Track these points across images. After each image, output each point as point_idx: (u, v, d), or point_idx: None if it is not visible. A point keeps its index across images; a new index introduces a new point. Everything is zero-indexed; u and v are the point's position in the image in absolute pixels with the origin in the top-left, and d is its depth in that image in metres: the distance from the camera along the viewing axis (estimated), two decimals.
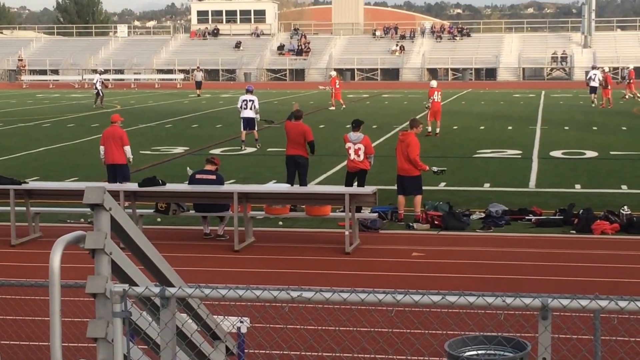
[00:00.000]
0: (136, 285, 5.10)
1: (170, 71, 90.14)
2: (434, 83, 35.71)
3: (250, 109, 29.99)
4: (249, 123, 30.09)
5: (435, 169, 19.22)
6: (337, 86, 49.97)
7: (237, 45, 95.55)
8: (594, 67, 54.69)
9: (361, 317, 5.93)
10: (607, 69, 55.80)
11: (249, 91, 30.68)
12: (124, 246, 5.33)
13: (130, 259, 5.30)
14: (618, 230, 16.63)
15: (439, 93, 35.06)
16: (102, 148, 19.87)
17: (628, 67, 62.18)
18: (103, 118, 43.70)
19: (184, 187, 17.18)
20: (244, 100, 30.07)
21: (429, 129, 33.50)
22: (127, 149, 19.69)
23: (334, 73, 52.19)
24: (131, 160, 19.98)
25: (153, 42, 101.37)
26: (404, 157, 18.08)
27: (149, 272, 5.65)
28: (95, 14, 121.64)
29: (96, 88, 52.47)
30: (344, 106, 49.27)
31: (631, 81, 55.31)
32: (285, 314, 5.68)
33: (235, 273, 14.05)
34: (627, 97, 54.36)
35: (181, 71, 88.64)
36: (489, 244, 15.90)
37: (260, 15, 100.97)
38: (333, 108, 48.84)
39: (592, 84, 50.87)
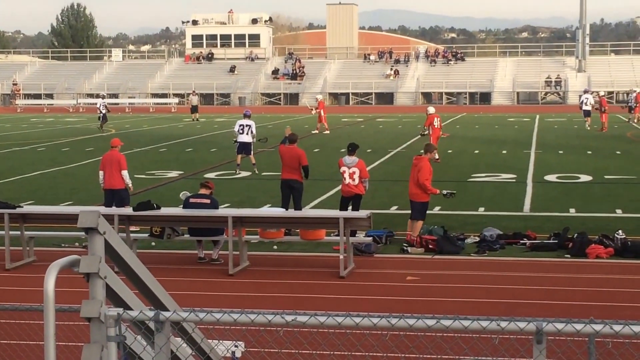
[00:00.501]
0: (130, 309, 5.09)
1: (164, 95, 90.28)
2: (431, 109, 35.14)
3: (247, 133, 29.94)
4: (244, 147, 30.04)
5: (445, 192, 19.03)
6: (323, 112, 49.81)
7: (232, 69, 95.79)
8: (585, 92, 55.44)
9: (356, 341, 5.92)
10: (602, 93, 56.04)
11: (246, 116, 30.67)
12: (118, 270, 5.33)
13: (124, 282, 5.30)
14: (613, 254, 16.63)
15: (439, 119, 35.01)
16: (101, 173, 19.76)
17: (635, 91, 62.77)
18: (98, 142, 43.75)
19: (178, 211, 17.16)
20: (240, 125, 30.02)
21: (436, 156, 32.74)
22: (125, 173, 19.59)
23: (320, 96, 51.79)
24: (130, 186, 19.82)
25: (148, 66, 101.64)
26: (414, 181, 18.13)
27: (144, 296, 5.65)
28: (90, 38, 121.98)
29: (100, 112, 52.28)
30: (327, 131, 49.24)
31: (637, 105, 55.33)
32: (280, 338, 5.68)
33: (230, 297, 14.03)
34: (636, 120, 54.42)
35: (176, 95, 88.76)
36: (483, 268, 15.90)
37: (254, 39, 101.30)
38: (327, 132, 48.87)
39: (585, 107, 51.55)
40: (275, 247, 17.83)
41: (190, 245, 17.57)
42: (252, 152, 30.49)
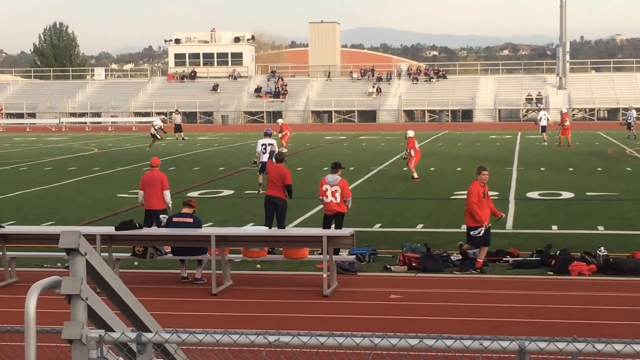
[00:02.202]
0: (112, 330, 5.07)
1: (147, 114, 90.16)
2: (411, 133, 34.63)
3: (267, 152, 28.68)
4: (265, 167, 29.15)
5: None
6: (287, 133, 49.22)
7: (215, 87, 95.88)
8: (541, 109, 59.27)
9: None
10: (564, 110, 57.30)
11: (267, 134, 30.02)
12: (100, 291, 5.31)
13: (106, 303, 5.28)
14: (595, 271, 16.68)
15: (417, 143, 34.54)
16: (141, 192, 19.45)
17: (633, 107, 63.74)
18: (80, 162, 43.66)
19: (161, 230, 17.11)
20: (263, 144, 28.98)
21: (413, 171, 33.37)
22: (167, 193, 19.27)
23: (280, 121, 51.10)
24: (170, 206, 19.37)
25: (130, 85, 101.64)
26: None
27: (126, 317, 5.63)
28: (73, 57, 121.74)
29: (154, 130, 51.85)
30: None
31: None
32: (263, 358, 5.66)
33: (214, 317, 13.99)
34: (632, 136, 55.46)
35: (158, 114, 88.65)
36: (466, 286, 15.90)
37: (237, 57, 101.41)
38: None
39: (542, 123, 54.77)
40: (258, 265, 17.80)
41: (173, 264, 17.53)
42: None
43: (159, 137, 52.18)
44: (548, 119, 55.29)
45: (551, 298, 14.90)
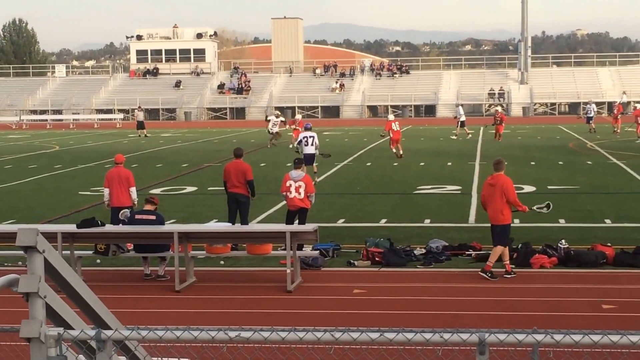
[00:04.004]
0: (72, 328, 5.03)
1: (109, 111, 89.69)
2: (391, 116, 41.60)
3: (311, 145, 30.28)
4: (310, 159, 30.11)
5: (541, 209, 17.65)
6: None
7: (177, 84, 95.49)
8: (459, 105, 60.96)
9: (300, 355, 5.90)
10: (500, 109, 57.86)
11: (307, 128, 31.33)
12: (59, 289, 5.26)
13: (65, 301, 5.24)
14: (556, 264, 16.82)
15: (397, 123, 40.67)
16: (106, 190, 19.43)
17: (616, 102, 64.02)
18: (41, 159, 43.35)
19: (123, 227, 17.02)
20: (304, 137, 30.42)
21: (394, 150, 39.93)
22: (133, 190, 19.33)
23: (299, 117, 51.41)
24: (136, 202, 19.43)
25: (92, 81, 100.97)
26: (499, 202, 16.20)
27: (85, 315, 5.58)
28: (33, 54, 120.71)
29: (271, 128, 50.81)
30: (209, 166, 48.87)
31: (620, 116, 56.46)
32: (224, 354, 5.64)
33: (177, 314, 13.94)
34: (618, 130, 55.35)
35: (121, 111, 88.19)
36: (429, 280, 15.97)
37: (200, 54, 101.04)
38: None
39: (462, 119, 56.48)
40: (222, 262, 17.77)
41: (136, 262, 17.45)
42: (314, 163, 30.62)
43: (273, 132, 50.44)
44: (461, 114, 57.15)
45: (513, 291, 15.00)
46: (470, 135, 54.51)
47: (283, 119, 52.24)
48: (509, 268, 16.21)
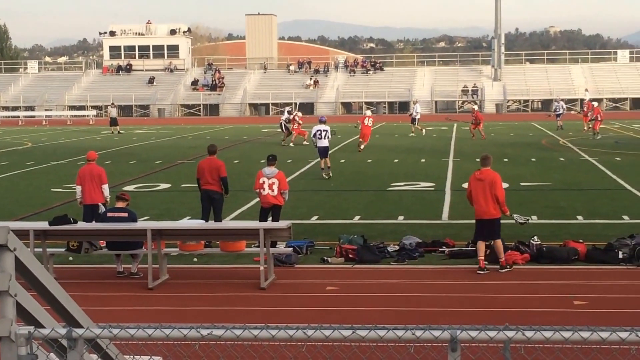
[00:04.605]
0: (42, 327, 5.01)
1: (82, 107, 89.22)
2: (368, 112, 45.05)
3: (325, 138, 31.15)
4: (326, 151, 31.15)
5: (519, 219, 17.86)
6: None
7: (151, 80, 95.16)
8: (414, 102, 61.42)
9: (273, 353, 5.91)
10: (475, 107, 57.83)
11: (322, 122, 32.20)
12: (30, 287, 5.24)
13: (36, 299, 5.21)
14: (529, 260, 16.90)
15: (371, 119, 43.26)
16: (78, 188, 19.26)
17: (585, 100, 64.12)
18: (13, 156, 43.08)
19: (96, 225, 16.95)
20: (318, 130, 31.51)
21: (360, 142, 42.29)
22: (106, 187, 19.18)
23: (300, 114, 51.73)
24: (108, 199, 19.27)
25: (65, 78, 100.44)
26: (491, 197, 16.46)
27: (57, 313, 5.56)
28: (5, 49, 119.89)
29: (284, 125, 50.26)
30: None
31: (589, 114, 55.90)
32: (197, 352, 5.64)
33: (150, 311, 13.90)
34: (586, 128, 54.99)
35: (94, 107, 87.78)
36: (403, 277, 16.00)
37: (173, 50, 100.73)
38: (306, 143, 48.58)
39: (414, 115, 56.89)
40: (195, 259, 17.73)
41: (109, 259, 17.38)
42: (327, 156, 31.61)
43: (287, 129, 49.89)
44: (418, 112, 57.59)
45: (486, 287, 15.06)
46: (424, 132, 54.88)
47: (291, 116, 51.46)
48: (482, 264, 16.29)
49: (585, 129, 53.21)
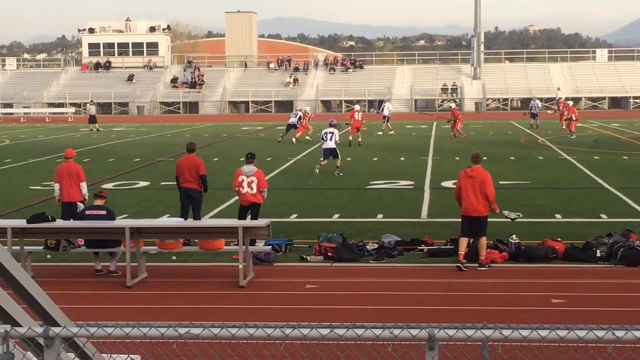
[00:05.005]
0: (19, 325, 4.98)
1: (61, 105, 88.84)
2: (357, 107, 48.76)
3: (331, 139, 32.11)
4: (331, 152, 32.09)
5: (510, 215, 18.00)
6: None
7: (130, 78, 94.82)
8: (385, 100, 61.06)
9: (251, 352, 5.90)
10: (453, 105, 57.83)
11: (331, 125, 33.48)
12: (7, 285, 5.21)
13: (13, 298, 5.19)
14: (507, 258, 16.96)
15: (360, 113, 46.23)
16: (56, 185, 19.21)
17: (560, 98, 64.11)
18: None
19: (74, 223, 16.88)
20: (325, 133, 32.51)
21: (350, 138, 45.13)
22: (84, 185, 19.12)
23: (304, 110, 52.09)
24: (87, 197, 19.24)
25: (43, 75, 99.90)
26: (481, 195, 16.55)
27: (33, 311, 5.53)
28: None
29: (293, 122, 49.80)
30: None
31: (565, 113, 55.52)
32: (174, 350, 5.63)
33: (128, 310, 13.86)
34: (564, 127, 54.47)
35: (72, 105, 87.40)
36: (382, 275, 16.02)
37: (153, 47, 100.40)
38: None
39: (384, 113, 56.81)
40: (174, 257, 17.69)
41: (87, 257, 17.32)
42: (339, 156, 32.22)
43: (297, 125, 49.45)
44: (390, 110, 57.88)
45: (464, 285, 15.09)
46: (392, 132, 54.85)
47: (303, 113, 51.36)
48: (462, 258, 16.39)
49: (563, 127, 53.29)
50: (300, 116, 49.83)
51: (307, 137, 47.98)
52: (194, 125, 68.27)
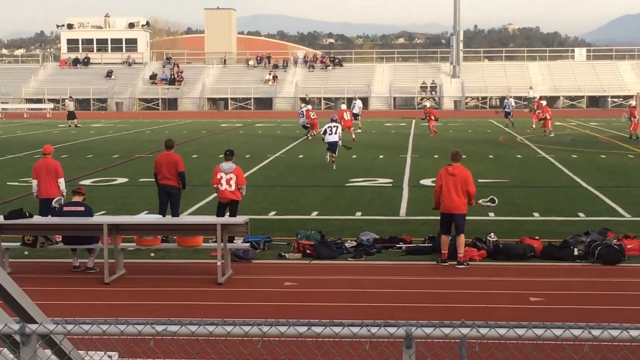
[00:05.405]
0: None
1: (39, 100, 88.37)
2: (343, 106, 50.38)
3: (335, 134, 33.64)
4: (333, 146, 33.59)
5: (485, 202, 18.43)
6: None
7: (109, 74, 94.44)
8: (356, 98, 61.25)
9: (228, 349, 5.89)
10: (428, 104, 57.86)
11: (333, 120, 36.04)
12: None
13: None
14: (485, 256, 17.01)
15: (348, 113, 48.29)
16: (34, 182, 19.12)
17: (535, 97, 64.23)
18: None
19: (52, 219, 16.81)
20: (329, 126, 34.01)
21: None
22: (62, 181, 19.06)
23: (307, 107, 52.20)
24: (65, 193, 19.15)
25: (21, 70, 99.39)
26: (462, 192, 16.79)
27: (10, 308, 5.50)
28: None
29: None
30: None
31: (538, 112, 55.27)
32: (151, 348, 5.61)
33: (106, 306, 13.81)
34: (534, 126, 54.20)
35: (51, 100, 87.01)
36: (360, 273, 16.03)
37: (132, 43, 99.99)
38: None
39: (354, 111, 56.23)
40: (152, 254, 17.64)
41: (65, 253, 17.25)
42: (336, 152, 33.69)
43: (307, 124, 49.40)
44: (360, 107, 58.22)
45: (443, 283, 15.13)
46: (359, 130, 54.31)
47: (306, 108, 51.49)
48: (445, 256, 16.47)
49: (533, 126, 53.25)
50: (303, 113, 49.92)
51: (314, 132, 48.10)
52: (172, 122, 68.09)
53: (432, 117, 50.70)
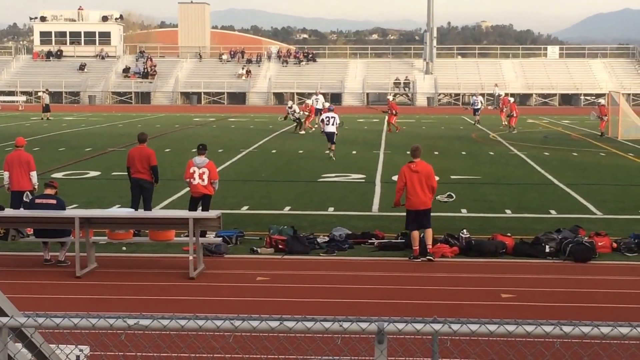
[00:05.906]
0: None
1: (11, 93, 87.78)
2: (326, 104, 47.97)
3: (333, 124, 34.88)
4: (331, 136, 34.95)
5: (443, 199, 18.75)
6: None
7: (82, 67, 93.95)
8: (316, 94, 59.77)
9: (199, 343, 5.88)
10: (392, 98, 57.88)
11: (330, 110, 36.77)
12: None
13: None
14: (458, 253, 17.07)
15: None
16: (6, 174, 19.06)
17: (501, 95, 64.43)
18: None
19: (23, 212, 16.71)
20: (326, 117, 35.38)
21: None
22: (34, 174, 19.02)
23: (309, 101, 52.64)
24: (37, 186, 19.10)
25: None
26: (427, 188, 17.00)
27: None
28: None
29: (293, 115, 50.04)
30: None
31: (505, 110, 55.15)
32: (123, 341, 5.59)
33: (77, 300, 13.75)
34: (505, 124, 54.10)
35: (23, 93, 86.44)
36: (332, 268, 16.05)
37: (105, 37, 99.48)
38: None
39: (317, 106, 54.47)
40: (124, 248, 17.58)
41: (36, 246, 17.15)
42: (334, 141, 35.08)
43: (297, 118, 50.05)
44: (323, 103, 56.11)
45: (415, 280, 15.17)
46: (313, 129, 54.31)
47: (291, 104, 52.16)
48: (417, 252, 16.52)
49: (504, 124, 53.47)
50: (295, 110, 50.14)
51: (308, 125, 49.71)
52: (145, 116, 67.82)
53: (393, 112, 50.39)
